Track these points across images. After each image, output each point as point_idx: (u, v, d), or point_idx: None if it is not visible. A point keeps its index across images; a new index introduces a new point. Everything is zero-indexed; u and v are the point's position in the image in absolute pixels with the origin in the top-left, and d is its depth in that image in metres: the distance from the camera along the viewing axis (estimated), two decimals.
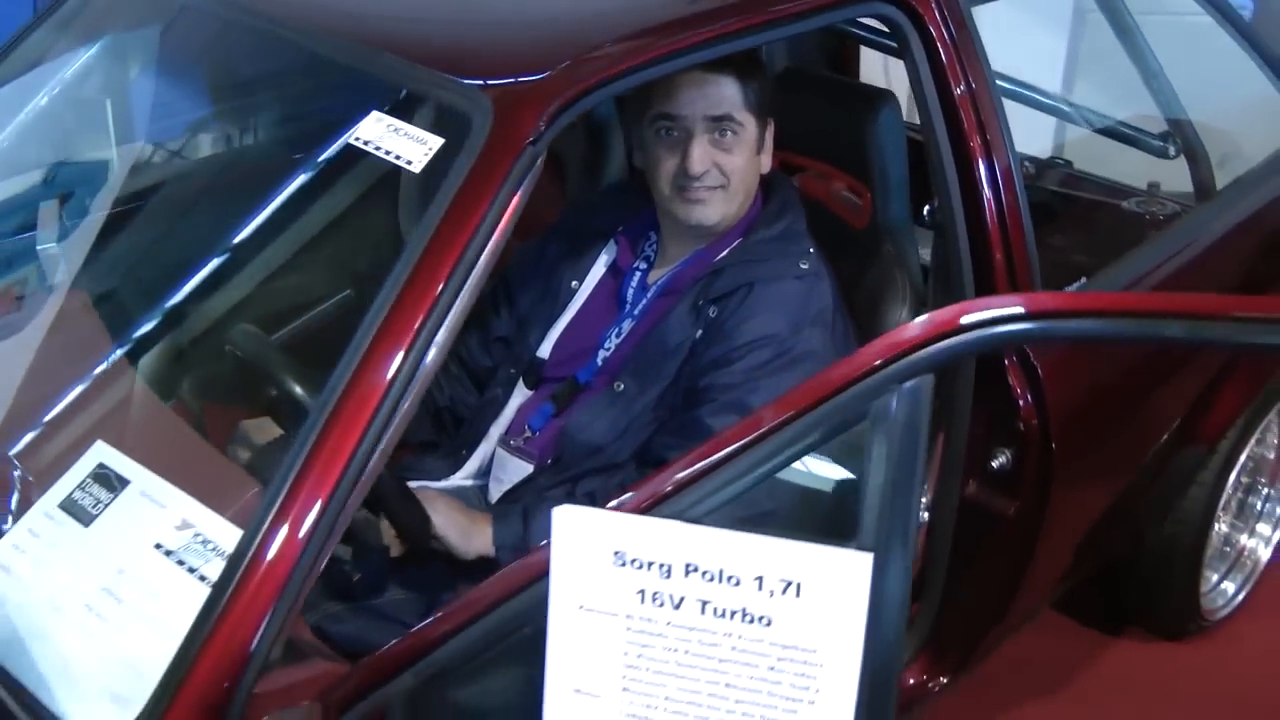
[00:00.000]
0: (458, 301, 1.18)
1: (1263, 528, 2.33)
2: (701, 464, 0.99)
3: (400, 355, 1.14)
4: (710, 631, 0.95)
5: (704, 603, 0.95)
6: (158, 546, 1.24)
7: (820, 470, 0.99)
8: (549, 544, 0.96)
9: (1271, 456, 2.31)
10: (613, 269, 1.84)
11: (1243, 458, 2.12)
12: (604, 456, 1.68)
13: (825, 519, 1.02)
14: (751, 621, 0.94)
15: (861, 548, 0.91)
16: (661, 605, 0.95)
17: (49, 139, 1.66)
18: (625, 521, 0.96)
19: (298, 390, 1.39)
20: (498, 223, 1.21)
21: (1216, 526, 2.17)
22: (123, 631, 1.18)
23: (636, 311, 1.78)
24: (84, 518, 1.29)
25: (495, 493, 1.77)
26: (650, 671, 0.96)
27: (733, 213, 1.72)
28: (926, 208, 1.79)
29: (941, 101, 1.63)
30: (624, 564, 0.96)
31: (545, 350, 1.82)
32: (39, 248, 1.56)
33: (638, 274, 1.80)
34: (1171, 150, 2.20)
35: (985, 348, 0.94)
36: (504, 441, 1.79)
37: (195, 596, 1.17)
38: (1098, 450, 1.84)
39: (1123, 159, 2.39)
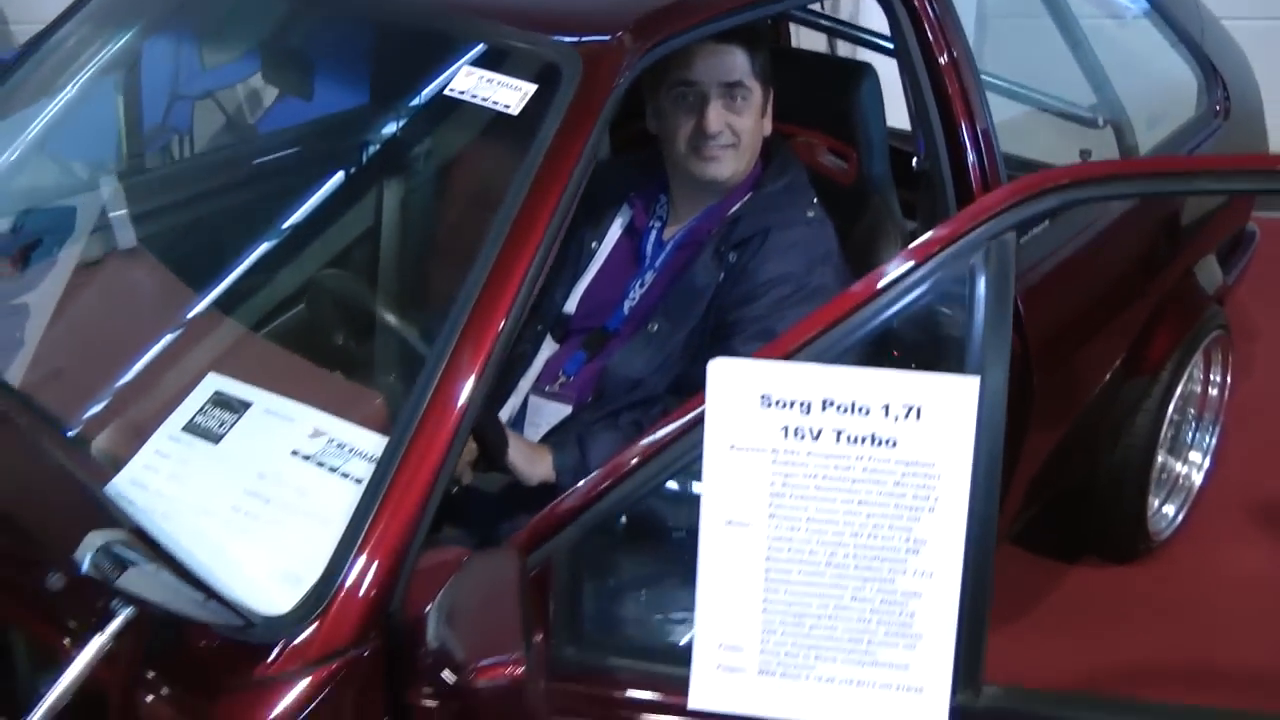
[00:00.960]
0: (554, 223, 1.36)
1: (1194, 456, 2.63)
2: (831, 317, 1.18)
3: (526, 267, 1.32)
4: (844, 457, 1.14)
5: (839, 432, 1.14)
6: (294, 453, 1.38)
7: (931, 313, 1.19)
8: (702, 395, 1.14)
9: (1199, 391, 2.62)
10: (629, 229, 2.03)
11: (1179, 390, 2.40)
12: (643, 390, 1.87)
13: (935, 356, 1.22)
14: (879, 444, 1.13)
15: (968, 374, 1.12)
16: (802, 438, 1.14)
17: None
18: (771, 367, 1.15)
19: (391, 319, 1.54)
20: (592, 158, 1.40)
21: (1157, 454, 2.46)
22: (278, 525, 1.31)
23: (657, 264, 1.97)
24: (212, 437, 1.41)
25: (532, 437, 1.94)
26: (793, 498, 1.15)
27: (741, 169, 1.93)
28: (915, 160, 2.03)
29: (928, 70, 1.88)
30: (769, 405, 1.14)
31: (571, 306, 2.00)
32: (112, 214, 1.67)
33: (653, 232, 2.00)
34: (1100, 120, 2.50)
35: (1062, 207, 1.15)
36: (538, 389, 1.96)
37: (343, 491, 1.31)
38: (1065, 377, 2.09)
39: (1046, 132, 2.68)
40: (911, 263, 1.15)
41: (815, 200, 1.95)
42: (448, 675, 1.02)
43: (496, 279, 1.31)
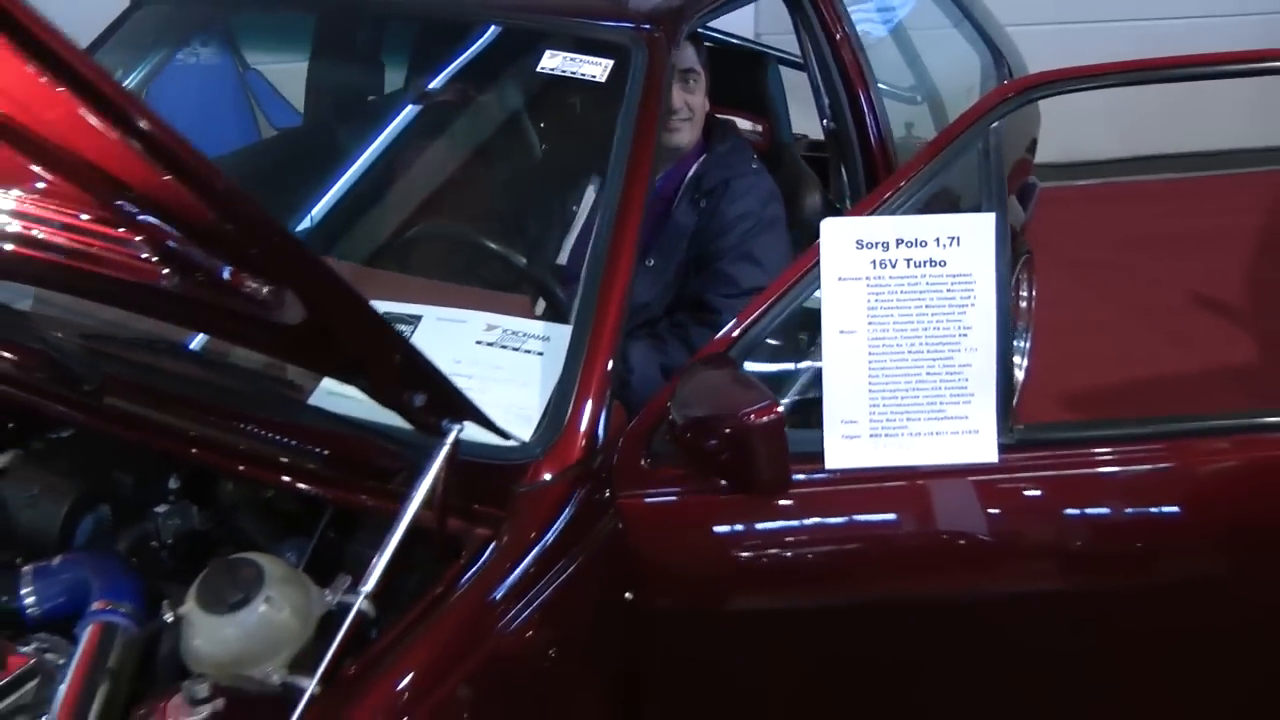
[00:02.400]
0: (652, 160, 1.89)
1: (1017, 358, 3.39)
2: (893, 185, 1.76)
3: (643, 193, 1.83)
4: (913, 277, 1.71)
5: (908, 260, 1.71)
6: (478, 343, 1.82)
7: (956, 180, 1.79)
8: (815, 247, 1.69)
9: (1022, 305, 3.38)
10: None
11: None
12: (646, 314, 2.39)
13: (961, 204, 1.81)
14: (935, 265, 1.71)
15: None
16: (884, 267, 1.71)
17: None
18: (861, 221, 1.72)
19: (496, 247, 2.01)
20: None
21: None
22: (488, 389, 1.74)
23: None
24: None
25: None
26: (881, 309, 1.71)
27: (693, 138, 2.49)
28: (824, 122, 2.66)
29: (830, 46, 2.52)
30: (861, 246, 1.70)
31: (563, 258, 2.50)
32: None
33: None
34: (918, 98, 3.22)
35: (1046, 95, 1.76)
36: None
37: (532, 362, 1.76)
38: None
39: None
40: (940, 145, 1.75)
41: (754, 155, 2.54)
42: (721, 426, 1.51)
43: (627, 202, 1.81)
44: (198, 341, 1.88)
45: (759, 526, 1.72)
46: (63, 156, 1.21)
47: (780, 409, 1.51)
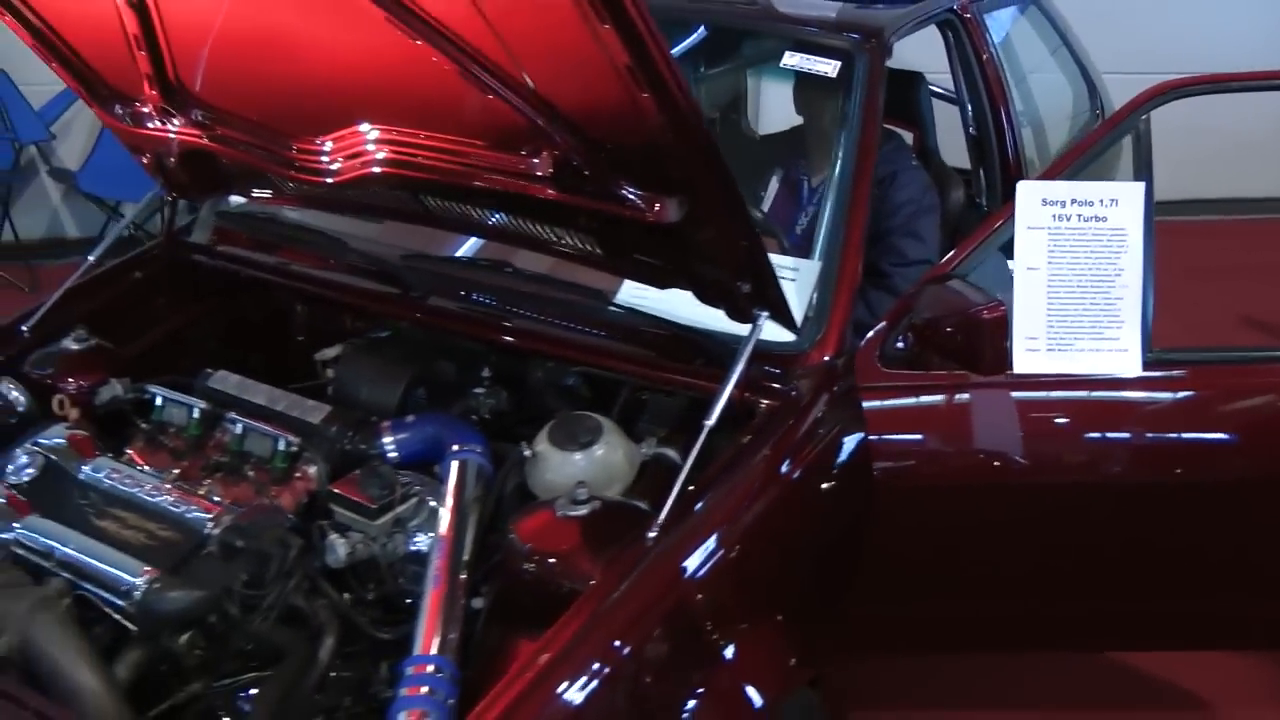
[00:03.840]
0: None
1: None
2: (1065, 164, 2.36)
3: (869, 170, 2.42)
4: (1082, 229, 2.30)
5: (1079, 215, 2.31)
6: None
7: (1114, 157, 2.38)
8: (1010, 204, 2.28)
9: None
10: (784, 181, 3.15)
11: None
12: None
13: (1117, 176, 2.40)
14: (1099, 220, 2.31)
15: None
16: (1062, 220, 2.30)
17: None
18: (1045, 184, 2.32)
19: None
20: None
21: None
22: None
23: (814, 201, 3.10)
24: None
25: None
26: (1059, 251, 2.29)
27: None
28: (969, 130, 3.27)
29: (977, 64, 3.14)
30: (1045, 204, 2.30)
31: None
32: None
33: (805, 181, 3.14)
34: (1023, 121, 3.83)
35: (1191, 95, 2.35)
36: None
37: (787, 285, 2.34)
38: None
39: None
40: (1106, 131, 2.36)
41: (913, 154, 3.15)
42: (957, 320, 2.09)
43: (861, 165, 2.41)
44: (507, 255, 2.46)
45: (960, 406, 2.31)
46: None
47: (1004, 308, 2.11)
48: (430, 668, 1.75)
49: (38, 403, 2.36)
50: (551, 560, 1.88)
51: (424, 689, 1.71)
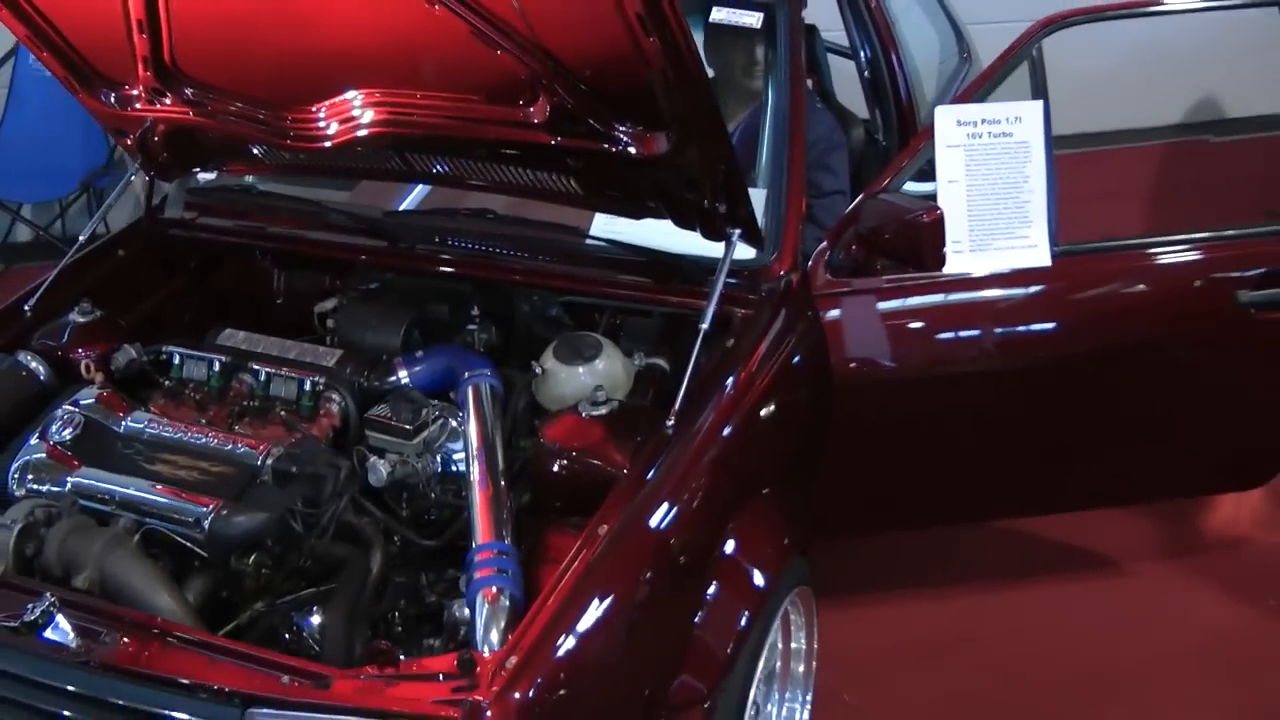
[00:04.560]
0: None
1: None
2: (976, 87, 2.73)
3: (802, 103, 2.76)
4: (992, 144, 2.67)
5: (989, 132, 2.68)
6: None
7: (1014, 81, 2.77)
8: (929, 128, 2.65)
9: None
10: None
11: None
12: None
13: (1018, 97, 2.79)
14: (1005, 136, 2.68)
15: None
16: (975, 137, 2.67)
17: None
18: (959, 108, 2.68)
19: None
20: None
21: None
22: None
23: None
24: None
25: None
26: (973, 164, 2.65)
27: None
28: (864, 74, 3.64)
29: (868, 14, 3.51)
30: (960, 124, 2.66)
31: None
32: None
33: None
34: None
35: (1079, 24, 2.73)
36: None
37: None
38: None
39: None
40: (1005, 59, 2.73)
41: (818, 98, 3.50)
42: (899, 225, 2.44)
43: (795, 100, 2.74)
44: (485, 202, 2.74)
45: (899, 305, 2.68)
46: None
47: (940, 210, 2.47)
48: (495, 552, 2.03)
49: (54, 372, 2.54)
50: (584, 454, 2.17)
51: (493, 569, 1.98)
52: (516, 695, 1.71)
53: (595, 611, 1.87)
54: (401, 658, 1.88)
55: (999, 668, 2.99)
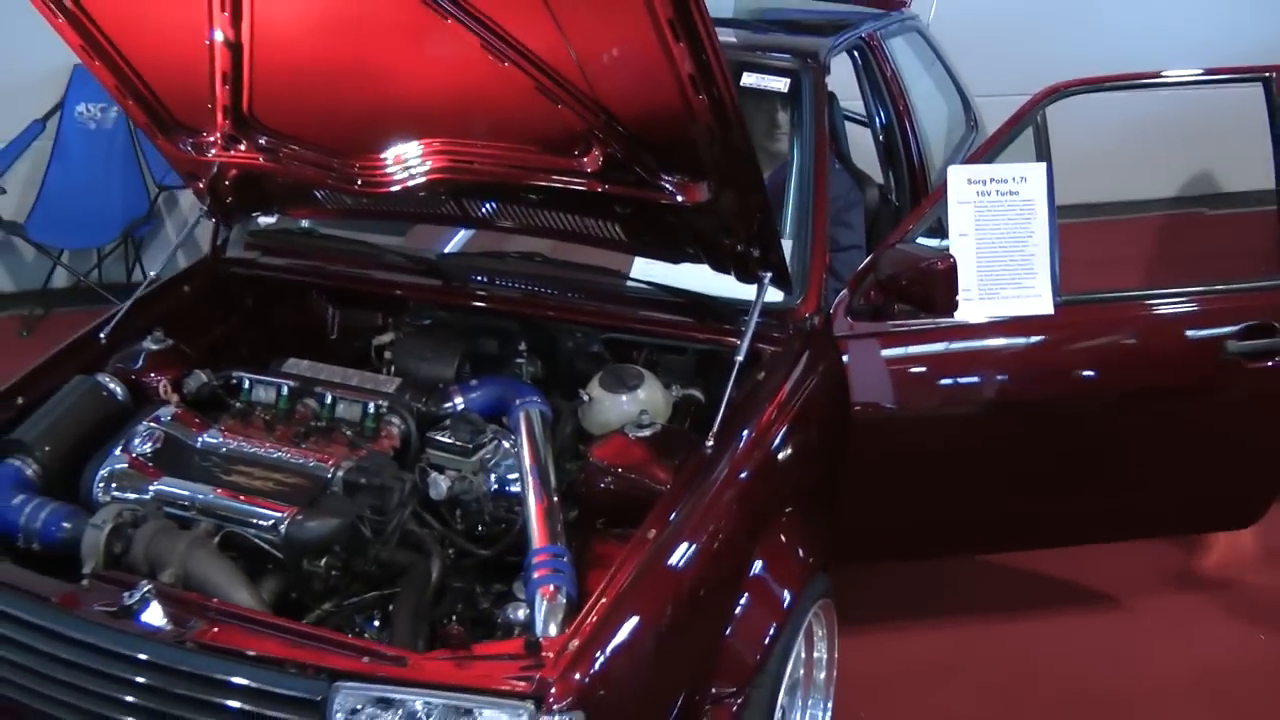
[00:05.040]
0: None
1: None
2: (981, 153, 3.00)
3: (825, 171, 3.04)
4: (1000, 201, 2.93)
5: (997, 190, 2.94)
6: None
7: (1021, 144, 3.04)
8: (942, 185, 2.92)
9: None
10: None
11: None
12: None
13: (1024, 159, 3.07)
14: (1013, 194, 2.94)
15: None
16: (984, 195, 2.93)
17: None
18: (972, 166, 2.95)
19: None
20: None
21: None
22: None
23: None
24: None
25: None
26: (982, 219, 2.92)
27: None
28: (879, 139, 3.92)
29: (884, 84, 3.80)
30: (971, 182, 2.93)
31: None
32: None
33: None
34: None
35: (1080, 94, 3.02)
36: None
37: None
38: None
39: None
40: (1013, 124, 3.01)
41: (836, 159, 3.78)
42: (914, 272, 2.70)
43: (819, 159, 3.01)
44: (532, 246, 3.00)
45: (913, 350, 2.93)
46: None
47: (954, 259, 2.73)
48: (551, 554, 2.25)
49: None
50: (630, 471, 2.41)
51: (550, 570, 2.21)
52: (577, 675, 1.93)
53: (644, 607, 2.09)
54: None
55: (1000, 689, 3.20)
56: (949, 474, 3.03)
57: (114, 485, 2.51)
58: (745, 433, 2.49)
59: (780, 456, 2.57)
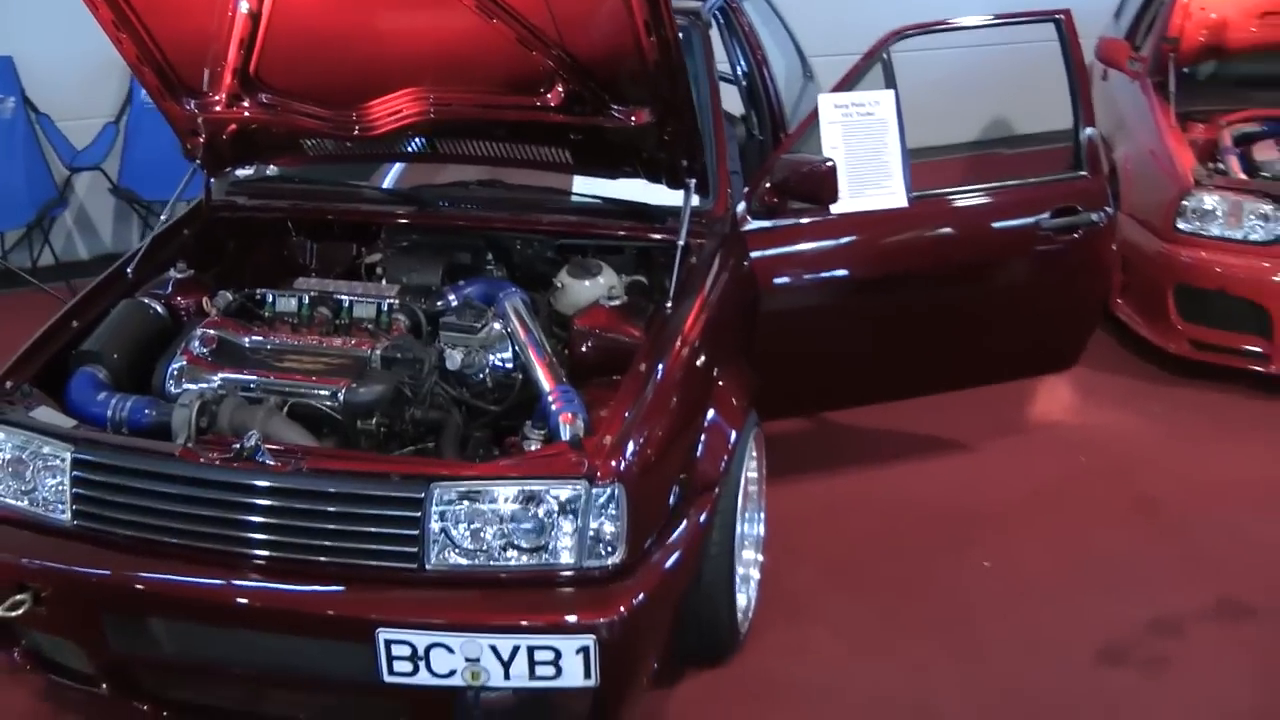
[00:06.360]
0: None
1: None
2: (848, 79, 3.92)
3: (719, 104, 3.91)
4: (861, 121, 3.85)
5: (858, 112, 3.85)
6: None
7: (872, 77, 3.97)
8: (815, 109, 3.83)
9: None
10: None
11: None
12: None
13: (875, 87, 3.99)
14: (869, 115, 3.86)
15: None
16: (848, 116, 3.84)
17: None
18: (838, 94, 3.87)
19: None
20: None
21: None
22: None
23: None
24: None
25: None
26: (848, 136, 3.83)
27: None
28: (742, 83, 4.81)
29: (745, 38, 4.70)
30: (837, 106, 3.85)
31: None
32: None
33: None
34: None
35: (918, 35, 3.98)
36: None
37: None
38: None
39: None
40: (866, 59, 3.93)
41: None
42: (804, 173, 3.60)
43: (715, 104, 3.88)
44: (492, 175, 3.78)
45: (802, 242, 3.84)
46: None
47: (833, 162, 3.63)
48: (561, 391, 3.03)
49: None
50: (609, 330, 3.23)
51: (564, 401, 2.99)
52: (613, 462, 2.71)
53: (650, 416, 2.89)
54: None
55: (886, 514, 4.16)
56: (833, 338, 3.94)
57: (184, 379, 3.18)
58: (692, 299, 3.32)
59: (717, 319, 3.41)
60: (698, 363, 3.21)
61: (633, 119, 3.29)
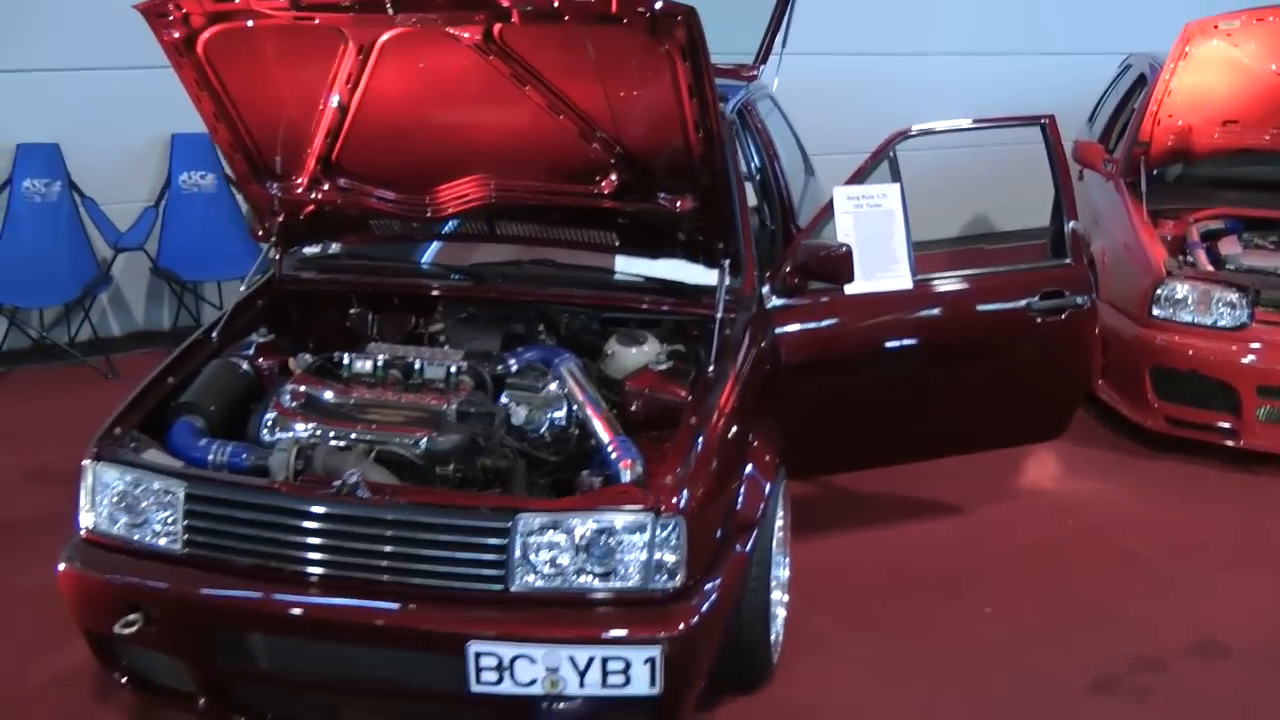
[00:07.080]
0: None
1: None
2: (858, 175, 4.49)
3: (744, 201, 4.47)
4: (871, 212, 4.41)
5: (868, 204, 4.42)
6: None
7: (880, 172, 4.53)
8: (830, 200, 4.39)
9: None
10: None
11: None
12: None
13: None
14: (878, 206, 4.44)
15: None
16: (859, 207, 4.39)
17: None
18: (850, 187, 4.43)
19: None
20: None
21: None
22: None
23: None
24: None
25: None
26: (860, 225, 4.35)
27: None
28: (756, 179, 5.37)
29: (759, 137, 5.27)
30: (849, 198, 4.40)
31: None
32: None
33: None
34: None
35: (918, 136, 4.55)
36: None
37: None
38: None
39: None
40: (874, 158, 4.49)
41: None
42: (822, 256, 4.14)
43: (740, 194, 4.45)
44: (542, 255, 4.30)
45: (821, 318, 4.37)
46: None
47: (848, 247, 4.18)
48: (620, 441, 3.51)
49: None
50: (658, 390, 3.73)
51: (623, 449, 3.47)
52: (674, 499, 3.17)
53: (701, 463, 3.37)
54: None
55: (891, 569, 4.64)
56: (846, 405, 4.45)
57: (277, 428, 3.64)
58: (729, 365, 3.82)
59: (750, 384, 3.92)
60: (736, 421, 3.69)
61: (678, 205, 3.82)
